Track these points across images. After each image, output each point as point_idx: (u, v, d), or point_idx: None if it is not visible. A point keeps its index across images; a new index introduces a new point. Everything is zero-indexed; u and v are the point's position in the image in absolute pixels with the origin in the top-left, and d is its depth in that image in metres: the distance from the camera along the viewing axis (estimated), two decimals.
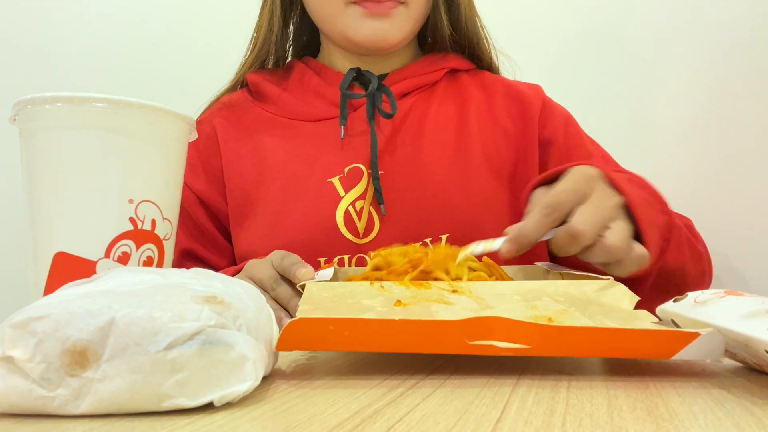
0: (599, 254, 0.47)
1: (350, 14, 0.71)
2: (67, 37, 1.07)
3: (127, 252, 0.44)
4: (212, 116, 0.78)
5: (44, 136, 0.44)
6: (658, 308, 0.41)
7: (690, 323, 0.36)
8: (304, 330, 0.33)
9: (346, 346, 0.34)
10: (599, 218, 0.47)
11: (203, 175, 0.76)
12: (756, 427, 0.26)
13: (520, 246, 0.47)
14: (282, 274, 0.54)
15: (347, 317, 0.34)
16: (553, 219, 0.47)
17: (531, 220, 0.47)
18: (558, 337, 0.33)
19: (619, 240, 0.47)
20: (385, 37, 0.71)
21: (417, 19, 0.74)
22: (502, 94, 0.78)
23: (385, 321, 0.34)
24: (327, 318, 0.34)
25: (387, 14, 0.70)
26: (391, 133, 0.73)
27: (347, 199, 0.69)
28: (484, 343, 0.33)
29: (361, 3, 0.69)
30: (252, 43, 0.80)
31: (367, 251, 0.68)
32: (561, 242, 0.47)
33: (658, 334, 0.34)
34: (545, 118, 0.76)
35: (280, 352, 0.36)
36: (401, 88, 0.75)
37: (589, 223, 0.46)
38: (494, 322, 0.33)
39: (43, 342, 0.26)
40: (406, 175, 0.71)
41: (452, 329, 0.33)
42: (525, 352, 0.33)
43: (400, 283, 0.45)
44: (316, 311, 0.39)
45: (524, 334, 0.33)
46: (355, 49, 0.75)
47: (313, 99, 0.76)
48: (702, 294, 0.38)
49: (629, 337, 0.34)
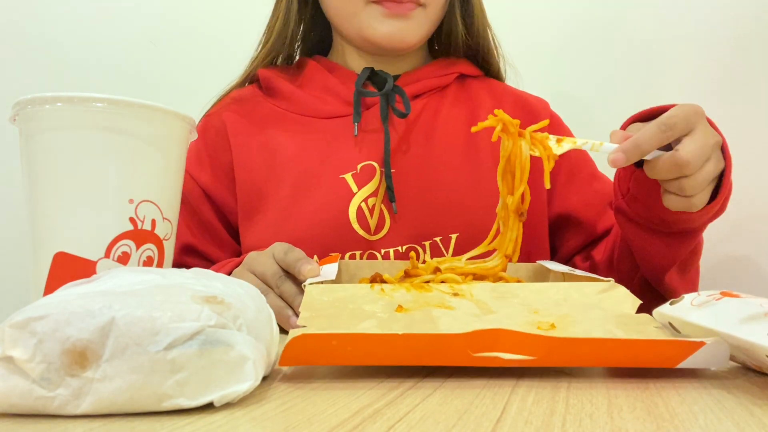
0: (694, 186, 0.49)
1: (370, 13, 0.71)
2: (67, 37, 1.07)
3: (127, 252, 0.44)
4: (221, 110, 0.78)
5: (44, 136, 0.44)
6: (655, 311, 0.40)
7: (689, 328, 0.36)
8: (306, 345, 0.33)
9: (350, 360, 0.33)
10: (704, 151, 0.49)
11: (210, 168, 0.76)
12: (756, 427, 0.26)
13: (630, 156, 0.49)
14: (286, 269, 0.54)
15: (350, 332, 0.34)
16: (667, 137, 0.48)
17: (646, 133, 0.48)
18: (563, 348, 0.33)
19: (713, 174, 0.50)
20: (403, 37, 0.72)
21: (434, 21, 0.75)
22: (511, 102, 0.79)
23: (388, 336, 0.33)
24: (330, 333, 0.33)
25: (406, 15, 0.71)
26: (404, 132, 0.74)
27: (360, 195, 0.70)
28: (489, 355, 0.33)
29: (382, 2, 0.70)
30: (264, 38, 0.79)
31: (378, 248, 0.68)
32: (663, 166, 0.49)
33: (663, 344, 0.33)
34: (554, 132, 0.76)
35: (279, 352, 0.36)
36: (414, 90, 0.76)
37: (695, 154, 0.48)
38: (499, 335, 0.33)
39: (43, 342, 0.26)
40: (418, 175, 0.71)
41: (456, 342, 0.33)
42: (530, 363, 0.33)
43: (400, 286, 0.45)
44: (317, 318, 0.39)
45: (529, 345, 0.33)
46: (371, 49, 0.76)
47: (327, 96, 0.76)
48: (698, 296, 0.38)
49: (635, 347, 0.33)
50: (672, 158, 0.48)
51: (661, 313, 0.40)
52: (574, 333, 0.37)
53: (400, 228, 0.69)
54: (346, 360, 0.33)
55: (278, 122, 0.76)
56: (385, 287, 0.44)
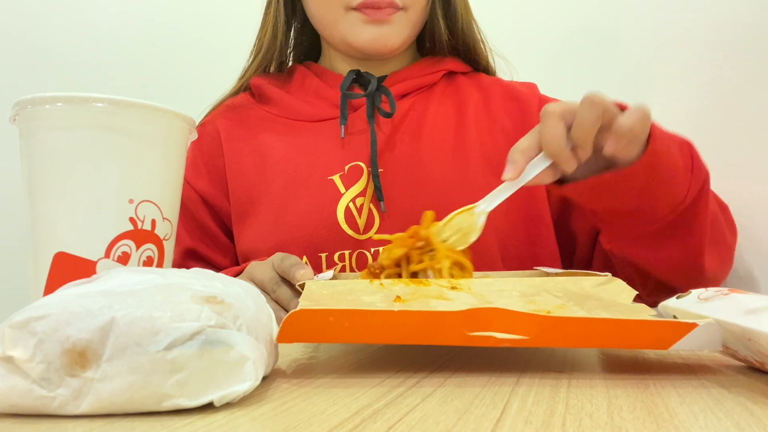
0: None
1: (350, 20, 0.72)
2: (67, 37, 1.07)
3: (127, 252, 0.44)
4: (216, 118, 0.80)
5: (44, 136, 0.44)
6: (661, 305, 0.41)
7: (691, 317, 0.36)
8: (304, 321, 0.33)
9: (347, 337, 0.34)
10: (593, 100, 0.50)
11: (206, 175, 0.77)
12: (756, 427, 0.26)
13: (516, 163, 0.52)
14: (282, 275, 0.55)
15: (347, 308, 0.34)
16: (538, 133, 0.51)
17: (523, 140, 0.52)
18: (556, 327, 0.33)
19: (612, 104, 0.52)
20: (385, 42, 0.73)
21: (416, 23, 0.76)
22: (499, 94, 0.79)
23: (385, 312, 0.34)
24: (327, 309, 0.34)
25: (386, 20, 0.72)
26: (391, 132, 0.75)
27: (348, 195, 0.71)
28: (483, 334, 0.33)
29: (362, 9, 0.71)
30: (255, 49, 0.81)
31: (368, 247, 0.69)
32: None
33: (655, 324, 0.34)
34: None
35: (280, 352, 0.36)
36: (400, 89, 0.77)
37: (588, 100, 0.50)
38: (493, 313, 0.34)
39: (43, 342, 0.26)
40: (406, 173, 0.72)
41: (451, 320, 0.34)
42: (523, 343, 0.33)
43: (399, 281, 0.45)
44: (316, 306, 0.39)
45: (523, 325, 0.33)
46: (355, 54, 0.77)
47: (315, 100, 0.77)
48: (705, 291, 0.39)
49: (627, 327, 0.34)
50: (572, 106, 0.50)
51: (666, 306, 0.40)
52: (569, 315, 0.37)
53: (389, 226, 0.70)
54: (343, 337, 0.34)
55: (269, 127, 0.77)
56: (384, 282, 0.45)
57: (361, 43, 0.73)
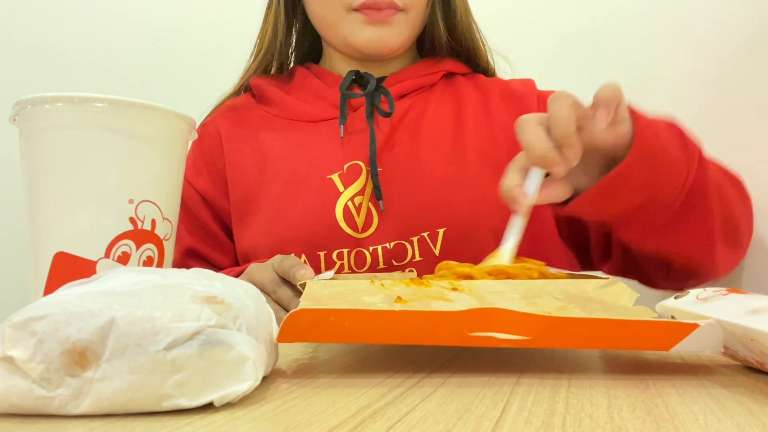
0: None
1: (351, 21, 0.73)
2: (67, 37, 1.07)
3: (127, 252, 0.44)
4: (216, 118, 0.81)
5: (44, 136, 0.44)
6: (658, 305, 0.41)
7: (691, 318, 0.36)
8: (305, 321, 0.33)
9: (347, 337, 0.34)
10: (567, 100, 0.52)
11: (207, 175, 0.78)
12: (756, 426, 0.26)
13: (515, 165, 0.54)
14: (282, 276, 0.55)
15: (348, 308, 0.34)
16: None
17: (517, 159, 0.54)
18: (558, 328, 0.33)
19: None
20: (385, 43, 0.73)
21: (416, 25, 0.76)
22: (498, 93, 0.80)
23: (385, 312, 0.34)
24: (328, 309, 0.34)
25: (387, 21, 0.72)
26: (390, 131, 0.75)
27: (346, 194, 0.71)
28: (484, 334, 0.33)
29: (362, 10, 0.71)
30: (256, 50, 0.82)
31: (366, 245, 0.69)
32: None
33: (657, 325, 0.34)
34: (542, 109, 0.77)
35: (280, 352, 0.36)
36: (399, 90, 0.77)
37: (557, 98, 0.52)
38: (494, 314, 0.34)
39: (43, 342, 0.26)
40: (404, 172, 0.72)
41: (452, 320, 0.33)
42: (524, 344, 0.33)
43: (400, 282, 0.45)
44: (317, 306, 0.39)
45: (524, 325, 0.33)
46: (356, 55, 0.77)
47: (314, 100, 0.78)
48: (704, 291, 0.39)
49: (628, 328, 0.34)
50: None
51: (664, 306, 0.40)
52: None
53: (388, 225, 0.70)
54: (343, 337, 0.34)
55: (269, 127, 0.78)
56: (384, 282, 0.45)
57: (361, 43, 0.73)
